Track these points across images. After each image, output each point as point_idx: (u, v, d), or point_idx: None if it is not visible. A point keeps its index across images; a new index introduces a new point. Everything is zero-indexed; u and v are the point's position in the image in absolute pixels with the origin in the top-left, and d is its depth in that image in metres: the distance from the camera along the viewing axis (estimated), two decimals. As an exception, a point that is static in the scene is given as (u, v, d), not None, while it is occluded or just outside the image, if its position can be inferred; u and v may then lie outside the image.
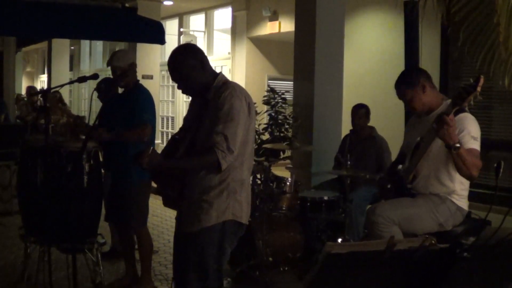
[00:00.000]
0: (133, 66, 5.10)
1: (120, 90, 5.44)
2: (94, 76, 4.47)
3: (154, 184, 3.89)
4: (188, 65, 3.38)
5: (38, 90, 14.14)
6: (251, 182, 3.99)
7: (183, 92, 3.61)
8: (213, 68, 3.58)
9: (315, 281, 1.82)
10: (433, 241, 1.93)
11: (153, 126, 5.09)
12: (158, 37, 9.48)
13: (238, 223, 3.41)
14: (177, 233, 3.59)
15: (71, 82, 4.71)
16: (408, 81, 4.00)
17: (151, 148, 3.31)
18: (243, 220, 3.43)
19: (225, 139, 3.21)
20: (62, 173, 4.69)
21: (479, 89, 3.49)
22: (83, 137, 5.39)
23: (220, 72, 3.54)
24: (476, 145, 3.75)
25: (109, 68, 5.14)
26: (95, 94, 5.09)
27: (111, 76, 5.25)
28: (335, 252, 1.72)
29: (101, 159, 5.11)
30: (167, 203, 3.63)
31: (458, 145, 3.54)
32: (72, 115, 5.06)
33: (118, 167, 5.01)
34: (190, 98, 3.74)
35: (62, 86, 4.71)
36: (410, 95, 3.97)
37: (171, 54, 3.48)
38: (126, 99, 5.08)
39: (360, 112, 6.51)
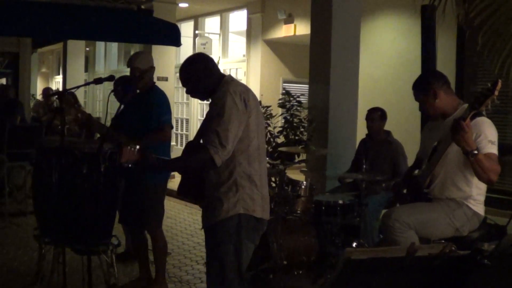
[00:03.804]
0: (151, 69, 5.15)
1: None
2: (110, 78, 4.49)
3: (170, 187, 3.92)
4: (194, 68, 3.56)
5: (54, 91, 14.21)
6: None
7: (189, 93, 3.70)
8: (228, 70, 3.64)
9: (334, 286, 1.80)
10: (453, 248, 1.91)
11: (172, 127, 5.19)
12: (174, 39, 9.51)
13: (255, 218, 3.44)
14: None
15: (87, 84, 4.74)
16: (420, 86, 4.05)
17: (128, 147, 3.34)
18: (257, 213, 3.45)
19: (216, 135, 3.27)
20: (77, 174, 4.70)
21: (496, 92, 3.48)
22: (98, 136, 5.39)
23: (228, 74, 3.64)
24: (494, 149, 3.72)
25: (124, 69, 5.18)
26: (112, 95, 5.10)
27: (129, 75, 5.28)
28: (355, 258, 1.71)
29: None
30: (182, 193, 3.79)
31: (475, 151, 3.52)
32: (85, 113, 5.06)
33: (133, 170, 5.00)
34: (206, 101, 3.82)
35: (78, 87, 4.75)
36: (422, 99, 4.03)
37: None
38: (142, 100, 5.08)
39: (375, 115, 6.47)
